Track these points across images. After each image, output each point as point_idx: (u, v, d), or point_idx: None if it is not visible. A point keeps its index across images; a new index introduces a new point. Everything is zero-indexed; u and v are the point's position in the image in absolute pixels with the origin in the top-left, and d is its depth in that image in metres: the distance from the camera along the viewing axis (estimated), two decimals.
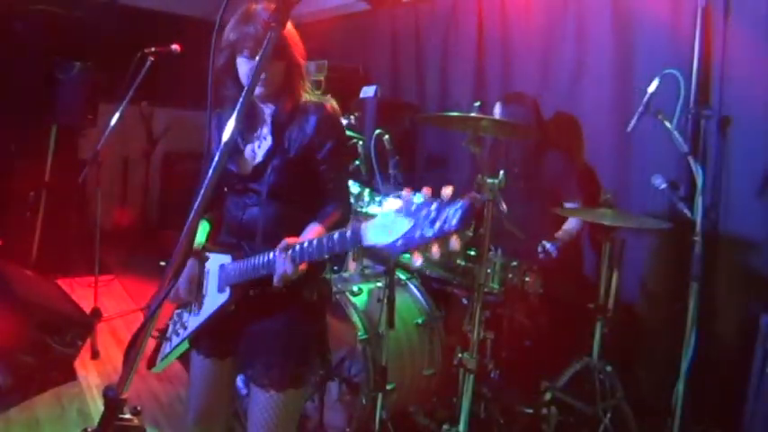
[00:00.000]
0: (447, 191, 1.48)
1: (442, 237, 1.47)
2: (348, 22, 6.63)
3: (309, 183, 2.20)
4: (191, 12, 7.59)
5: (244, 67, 2.10)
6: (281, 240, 2.02)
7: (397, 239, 1.55)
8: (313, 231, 2.09)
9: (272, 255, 1.98)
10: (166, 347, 2.39)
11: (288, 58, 2.11)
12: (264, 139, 2.23)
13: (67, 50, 5.96)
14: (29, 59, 5.87)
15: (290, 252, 1.92)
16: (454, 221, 1.44)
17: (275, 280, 1.97)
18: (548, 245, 3.54)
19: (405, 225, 1.54)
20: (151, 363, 2.46)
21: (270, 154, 2.18)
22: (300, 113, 2.18)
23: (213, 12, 7.01)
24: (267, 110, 2.23)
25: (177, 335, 2.34)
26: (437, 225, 1.46)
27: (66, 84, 5.82)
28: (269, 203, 2.18)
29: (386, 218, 1.60)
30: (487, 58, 5.01)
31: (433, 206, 1.49)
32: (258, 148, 2.23)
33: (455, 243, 1.46)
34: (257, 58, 1.94)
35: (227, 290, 2.15)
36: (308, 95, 2.23)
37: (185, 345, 2.33)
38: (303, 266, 1.93)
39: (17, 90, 5.92)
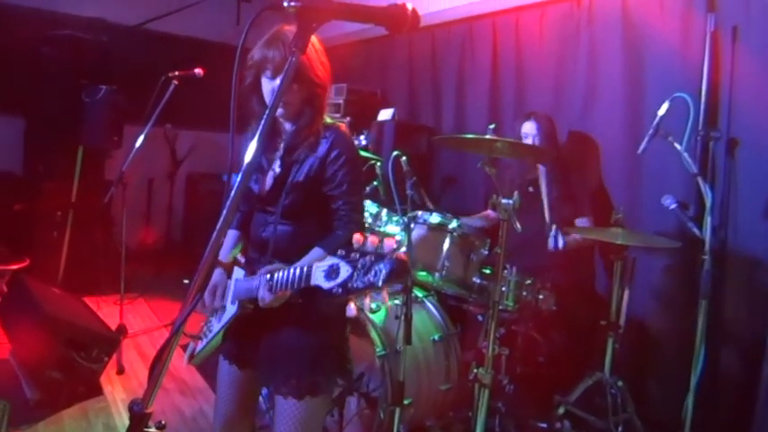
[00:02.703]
0: (390, 242, 1.57)
1: (371, 289, 1.56)
2: (367, 48, 6.76)
3: (323, 203, 2.23)
4: (213, 37, 7.71)
5: (266, 86, 2.16)
6: (289, 256, 2.11)
7: (337, 285, 1.64)
8: (314, 257, 2.13)
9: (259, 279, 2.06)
10: (199, 345, 2.49)
11: (308, 81, 2.13)
12: (279, 161, 2.27)
13: (94, 74, 6.06)
14: (56, 83, 5.98)
15: (268, 280, 2.00)
16: (381, 277, 1.53)
17: (259, 304, 2.06)
18: (560, 237, 3.54)
19: (345, 273, 1.62)
20: (191, 357, 2.54)
21: (279, 180, 2.23)
22: (314, 135, 2.20)
23: (235, 37, 7.14)
24: (288, 128, 2.25)
25: (205, 336, 2.44)
26: (367, 278, 1.55)
27: (93, 107, 5.89)
28: (283, 222, 2.23)
29: (333, 263, 1.67)
30: (502, 81, 5.11)
31: (368, 257, 1.57)
32: (274, 171, 2.28)
33: (383, 296, 1.55)
34: (278, 79, 2.09)
35: (237, 303, 2.25)
36: (327, 118, 2.28)
37: (218, 339, 2.41)
38: (282, 294, 2.00)
39: (45, 113, 6.06)
